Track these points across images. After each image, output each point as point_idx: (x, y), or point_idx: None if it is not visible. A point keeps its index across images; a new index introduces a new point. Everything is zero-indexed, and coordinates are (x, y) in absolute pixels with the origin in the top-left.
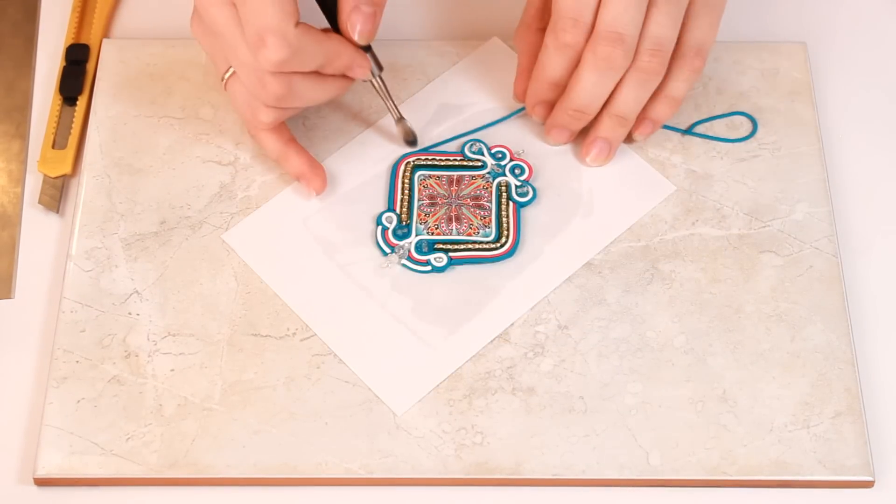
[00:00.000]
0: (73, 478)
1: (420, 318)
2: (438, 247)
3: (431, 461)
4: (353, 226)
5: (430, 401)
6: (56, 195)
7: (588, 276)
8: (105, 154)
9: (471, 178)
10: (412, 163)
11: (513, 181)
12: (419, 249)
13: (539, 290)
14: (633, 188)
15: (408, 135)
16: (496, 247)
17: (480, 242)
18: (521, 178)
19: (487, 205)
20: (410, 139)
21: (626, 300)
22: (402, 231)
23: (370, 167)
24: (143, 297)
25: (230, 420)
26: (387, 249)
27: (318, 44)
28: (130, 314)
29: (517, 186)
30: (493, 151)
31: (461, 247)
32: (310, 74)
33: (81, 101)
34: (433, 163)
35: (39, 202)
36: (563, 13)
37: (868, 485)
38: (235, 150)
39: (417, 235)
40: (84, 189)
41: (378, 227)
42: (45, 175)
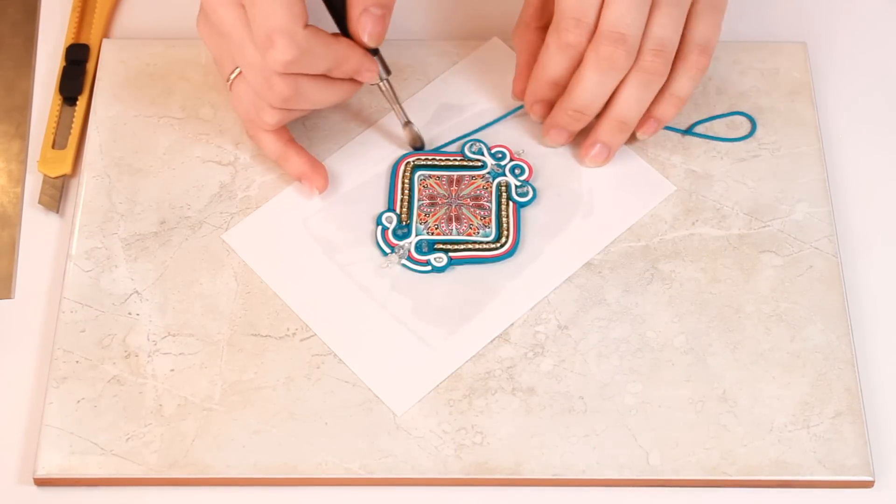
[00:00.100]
0: (73, 478)
1: (420, 319)
2: (438, 247)
3: (431, 461)
4: (353, 226)
5: (430, 401)
6: (56, 195)
7: (588, 276)
8: (105, 154)
9: (471, 178)
10: (412, 163)
11: (513, 181)
12: (419, 249)
13: (539, 290)
14: (633, 188)
15: (415, 140)
16: (496, 247)
17: (480, 242)
18: (521, 178)
19: (487, 205)
20: (418, 145)
21: (626, 300)
22: (402, 231)
23: (370, 167)
24: (143, 297)
25: (230, 420)
26: (387, 249)
27: (327, 46)
28: (130, 314)
29: (517, 186)
30: (493, 151)
31: (461, 247)
32: (317, 77)
33: (81, 101)
34: (433, 163)
35: (39, 202)
36: (566, 13)
37: (868, 485)
38: (235, 150)
39: (417, 235)
40: (84, 189)
41: (378, 227)
42: (45, 175)
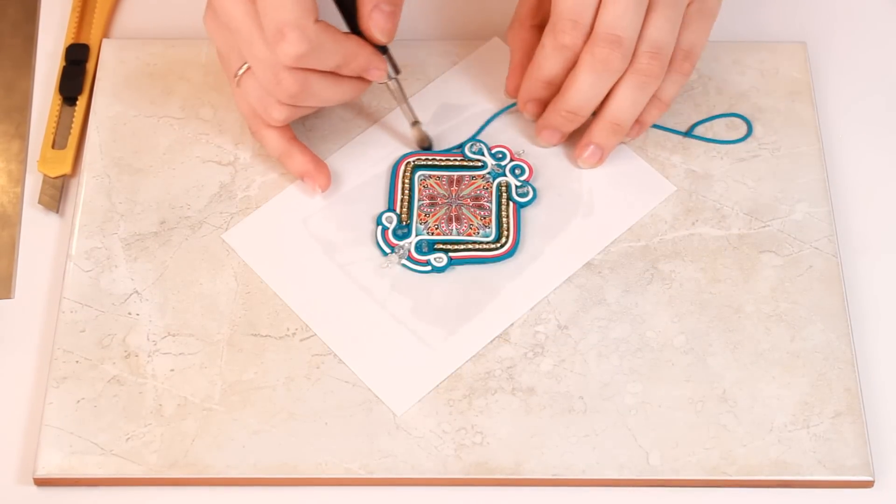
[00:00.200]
0: (73, 478)
1: (420, 319)
2: (438, 247)
3: (431, 461)
4: (353, 226)
5: (430, 401)
6: (56, 195)
7: (588, 276)
8: (105, 154)
9: (471, 179)
10: (412, 163)
11: (513, 181)
12: (419, 249)
13: (539, 291)
14: (633, 188)
15: (423, 140)
16: (496, 247)
17: (480, 242)
18: (522, 179)
19: (487, 205)
20: (426, 145)
21: (626, 300)
22: (402, 231)
23: (370, 167)
24: (143, 297)
25: (230, 420)
26: (387, 249)
27: (337, 42)
28: (130, 314)
29: (517, 187)
30: (494, 152)
31: (461, 247)
32: (326, 74)
33: (81, 101)
34: (433, 163)
35: (39, 202)
36: (563, 14)
37: (868, 485)
38: (235, 150)
39: (417, 235)
40: (84, 189)
41: (378, 227)
42: (45, 175)
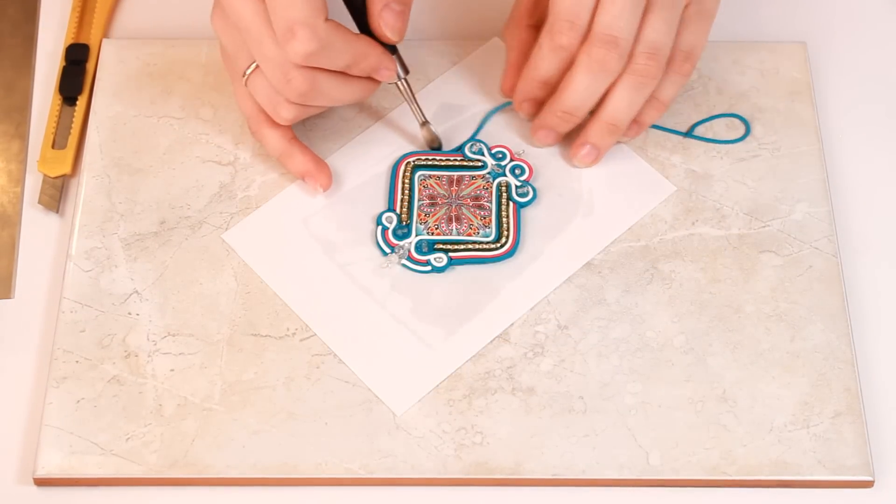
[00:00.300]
0: (73, 478)
1: (420, 319)
2: (438, 247)
3: (431, 461)
4: (353, 226)
5: (430, 401)
6: (56, 195)
7: (588, 276)
8: (105, 154)
9: (471, 179)
10: (412, 163)
11: (513, 181)
12: (419, 249)
13: (539, 291)
14: (633, 188)
15: (433, 140)
16: (496, 247)
17: (480, 243)
18: (522, 179)
19: (487, 205)
20: (435, 145)
21: (626, 300)
22: (402, 231)
23: (370, 167)
24: (143, 297)
25: (230, 420)
26: (387, 249)
27: (347, 42)
28: (130, 314)
29: (517, 187)
30: (494, 152)
31: (461, 247)
32: (335, 73)
33: (81, 101)
34: (433, 163)
35: (39, 202)
36: (561, 15)
37: (868, 485)
38: (235, 150)
39: (417, 235)
40: (84, 189)
41: (378, 227)
42: (45, 175)
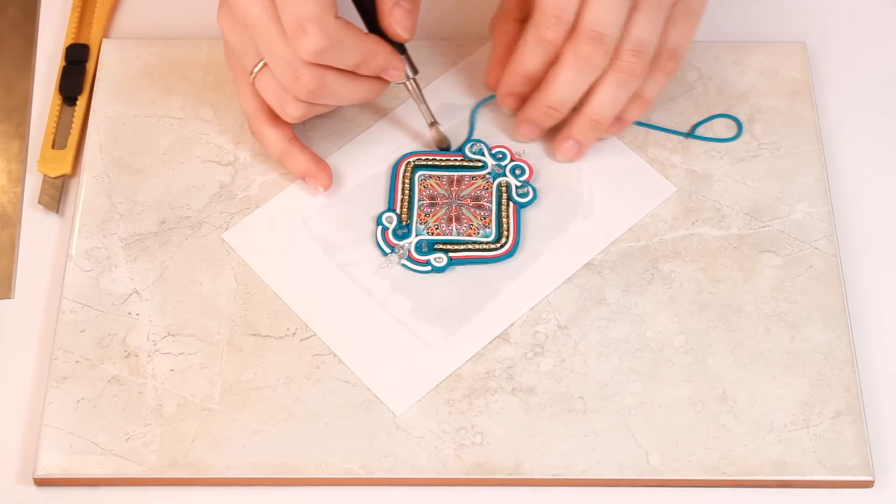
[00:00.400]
0: (73, 478)
1: (420, 319)
2: (438, 247)
3: (431, 461)
4: (353, 226)
5: (430, 401)
6: (56, 195)
7: (588, 276)
8: (105, 154)
9: (471, 179)
10: (412, 163)
11: (513, 182)
12: (419, 249)
13: (539, 291)
14: (634, 189)
15: (441, 141)
16: (496, 247)
17: (480, 243)
18: (522, 179)
19: (487, 205)
20: (444, 146)
21: (626, 300)
22: (402, 231)
23: (370, 167)
24: (143, 297)
25: (230, 420)
26: (387, 249)
27: (357, 40)
28: (130, 314)
29: (517, 187)
30: (494, 152)
31: (461, 247)
32: (344, 72)
33: (81, 101)
34: (433, 163)
35: (39, 202)
36: (546, 9)
37: (868, 485)
38: (235, 150)
39: (417, 235)
40: (84, 189)
41: (378, 227)
42: (45, 175)
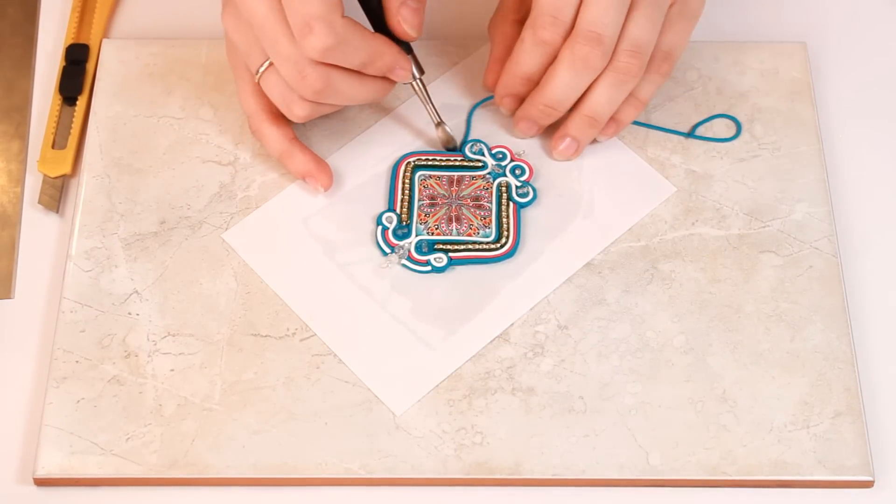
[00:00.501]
0: (73, 478)
1: (420, 319)
2: (438, 247)
3: (431, 461)
4: (353, 226)
5: (430, 401)
6: (56, 195)
7: (588, 277)
8: (105, 154)
9: (471, 179)
10: (412, 163)
11: (513, 182)
12: (419, 249)
13: (539, 291)
14: (634, 189)
15: (448, 141)
16: (496, 247)
17: (480, 243)
18: (522, 179)
19: (488, 205)
20: (451, 146)
21: (626, 300)
22: (402, 231)
23: (370, 167)
24: (143, 297)
25: (230, 420)
26: (387, 249)
27: (364, 39)
28: (130, 314)
29: (517, 187)
30: (494, 152)
31: (461, 247)
32: (350, 71)
33: (81, 101)
34: (433, 163)
35: (39, 202)
36: (544, 10)
37: (868, 485)
38: (235, 150)
39: (417, 235)
40: (84, 189)
41: (378, 227)
42: (45, 175)
